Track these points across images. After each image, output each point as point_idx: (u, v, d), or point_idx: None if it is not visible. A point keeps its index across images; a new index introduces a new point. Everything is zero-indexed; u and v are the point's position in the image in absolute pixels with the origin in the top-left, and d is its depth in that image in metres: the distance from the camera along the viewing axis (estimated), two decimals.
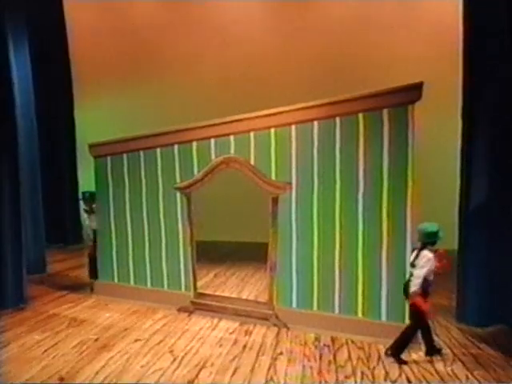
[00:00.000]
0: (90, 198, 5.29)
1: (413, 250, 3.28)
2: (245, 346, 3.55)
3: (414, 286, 3.06)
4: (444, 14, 6.41)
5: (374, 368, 3.11)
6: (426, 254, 3.09)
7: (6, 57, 4.83)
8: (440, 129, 6.31)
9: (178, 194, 4.46)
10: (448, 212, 4.40)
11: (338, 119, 3.66)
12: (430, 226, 3.14)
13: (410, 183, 3.40)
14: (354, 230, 3.63)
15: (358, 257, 3.63)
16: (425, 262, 3.06)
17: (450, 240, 4.26)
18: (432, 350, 3.28)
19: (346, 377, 3.00)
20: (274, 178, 3.94)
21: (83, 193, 5.63)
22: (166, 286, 4.60)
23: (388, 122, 3.46)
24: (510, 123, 3.73)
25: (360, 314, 3.65)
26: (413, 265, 3.13)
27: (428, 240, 3.13)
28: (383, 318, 3.55)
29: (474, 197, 3.89)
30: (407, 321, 3.42)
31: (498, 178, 3.78)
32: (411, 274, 3.13)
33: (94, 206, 5.21)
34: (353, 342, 3.58)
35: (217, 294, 4.60)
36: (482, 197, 3.83)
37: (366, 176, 3.57)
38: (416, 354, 3.31)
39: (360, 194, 3.61)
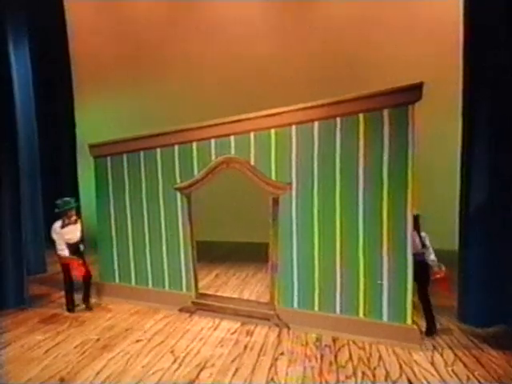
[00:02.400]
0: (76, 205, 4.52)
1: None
2: (246, 347, 3.55)
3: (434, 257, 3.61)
4: (444, 13, 6.39)
5: (375, 368, 3.12)
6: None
7: (6, 56, 4.83)
8: (440, 129, 6.30)
9: (178, 195, 4.46)
10: (448, 212, 4.40)
11: (338, 119, 3.65)
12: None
13: (410, 183, 3.39)
14: (355, 230, 3.63)
15: (358, 257, 3.63)
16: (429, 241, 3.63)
17: (451, 240, 4.30)
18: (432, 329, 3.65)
19: (347, 377, 3.00)
20: (274, 178, 3.94)
21: (67, 201, 4.42)
22: (167, 286, 4.61)
23: (388, 122, 3.45)
24: (511, 123, 3.73)
25: (361, 315, 3.66)
26: (423, 244, 3.58)
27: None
28: (384, 318, 3.55)
29: (474, 197, 3.88)
30: (409, 321, 3.43)
31: (499, 177, 3.77)
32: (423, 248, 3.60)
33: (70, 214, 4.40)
34: (354, 342, 3.59)
35: (218, 294, 4.61)
36: (482, 197, 3.82)
37: (367, 176, 3.57)
38: (416, 354, 3.32)
39: (360, 194, 3.60)
